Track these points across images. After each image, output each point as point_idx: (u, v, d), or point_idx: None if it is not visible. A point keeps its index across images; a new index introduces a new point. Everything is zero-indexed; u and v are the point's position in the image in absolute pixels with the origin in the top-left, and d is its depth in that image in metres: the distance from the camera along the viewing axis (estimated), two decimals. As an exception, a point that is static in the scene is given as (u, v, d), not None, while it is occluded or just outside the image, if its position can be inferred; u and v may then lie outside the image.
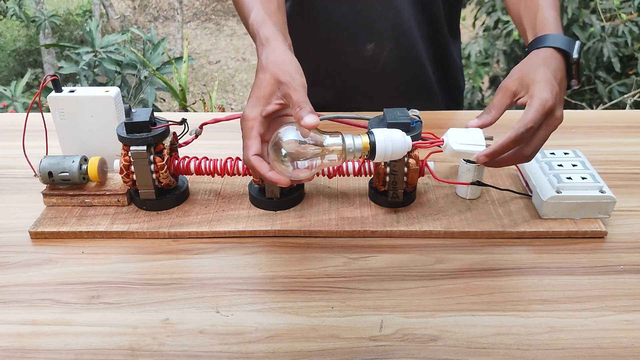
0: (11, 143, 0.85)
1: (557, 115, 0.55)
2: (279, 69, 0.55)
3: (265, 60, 0.56)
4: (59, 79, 0.68)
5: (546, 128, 0.55)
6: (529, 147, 0.55)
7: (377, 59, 0.85)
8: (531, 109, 0.54)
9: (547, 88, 0.55)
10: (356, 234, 0.62)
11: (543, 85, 0.55)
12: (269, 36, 0.58)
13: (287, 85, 0.53)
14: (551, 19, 0.62)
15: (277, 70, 0.55)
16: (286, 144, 0.52)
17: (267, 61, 0.56)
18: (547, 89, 0.54)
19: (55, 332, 0.50)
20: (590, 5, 2.45)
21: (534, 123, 0.53)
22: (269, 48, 0.57)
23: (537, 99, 0.54)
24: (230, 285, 0.55)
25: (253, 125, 0.54)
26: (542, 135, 0.55)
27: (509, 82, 0.58)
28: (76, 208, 0.66)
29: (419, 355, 0.47)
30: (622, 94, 2.32)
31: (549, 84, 0.55)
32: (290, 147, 0.52)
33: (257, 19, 0.61)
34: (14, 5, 3.85)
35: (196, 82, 4.82)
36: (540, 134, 0.55)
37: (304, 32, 0.89)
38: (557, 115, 0.55)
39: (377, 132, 0.54)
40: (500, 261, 0.58)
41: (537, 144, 0.55)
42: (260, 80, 0.55)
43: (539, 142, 0.55)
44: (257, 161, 0.54)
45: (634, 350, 0.47)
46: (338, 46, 0.88)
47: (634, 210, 0.67)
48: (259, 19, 0.60)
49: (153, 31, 2.89)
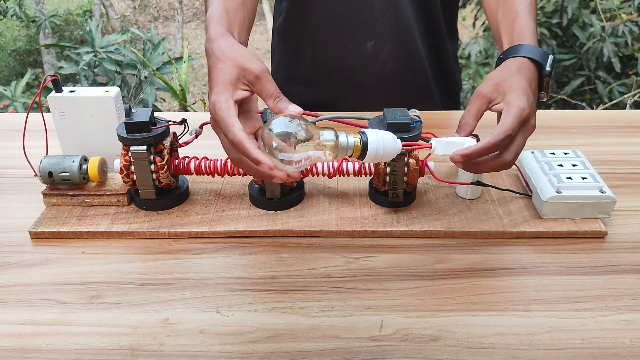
0: (11, 143, 0.85)
1: (532, 123, 0.57)
2: (242, 56, 0.52)
3: (221, 52, 0.53)
4: (59, 79, 0.68)
5: (523, 135, 0.56)
6: (509, 153, 0.55)
7: (377, 56, 0.85)
8: (509, 117, 0.54)
9: (523, 96, 0.56)
10: (356, 234, 0.62)
11: (520, 94, 0.56)
12: (217, 32, 0.56)
13: (253, 73, 0.51)
14: (528, 29, 0.63)
15: (240, 58, 0.52)
16: (278, 136, 0.49)
17: (224, 52, 0.53)
18: (523, 97, 0.55)
19: (55, 332, 0.50)
20: (590, 5, 2.45)
21: (512, 130, 0.54)
22: (221, 41, 0.54)
23: (514, 107, 0.55)
24: (231, 285, 0.55)
25: (228, 106, 0.50)
26: (519, 142, 0.56)
27: (484, 89, 0.58)
28: (76, 208, 0.66)
29: (419, 355, 0.47)
30: (622, 94, 2.33)
31: (525, 92, 0.56)
32: (281, 140, 0.49)
33: (212, 15, 0.58)
34: (14, 5, 3.85)
35: (196, 82, 4.82)
36: (518, 140, 0.56)
37: (303, 31, 0.89)
38: (532, 123, 0.57)
39: (369, 132, 0.53)
40: (500, 261, 0.58)
41: (516, 149, 0.55)
42: (222, 69, 0.52)
43: (518, 148, 0.56)
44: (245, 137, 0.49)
45: (634, 350, 0.47)
46: (337, 44, 0.88)
47: (634, 210, 0.67)
48: (214, 15, 0.58)
49: (153, 31, 2.89)
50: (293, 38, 0.92)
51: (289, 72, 0.96)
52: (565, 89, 2.54)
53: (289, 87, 0.96)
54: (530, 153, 0.71)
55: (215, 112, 0.51)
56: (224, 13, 0.59)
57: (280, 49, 0.97)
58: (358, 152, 0.53)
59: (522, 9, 0.66)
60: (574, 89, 2.51)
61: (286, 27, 0.92)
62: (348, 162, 0.66)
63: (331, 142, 0.52)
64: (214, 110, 0.51)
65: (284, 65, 0.97)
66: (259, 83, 0.52)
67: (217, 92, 0.51)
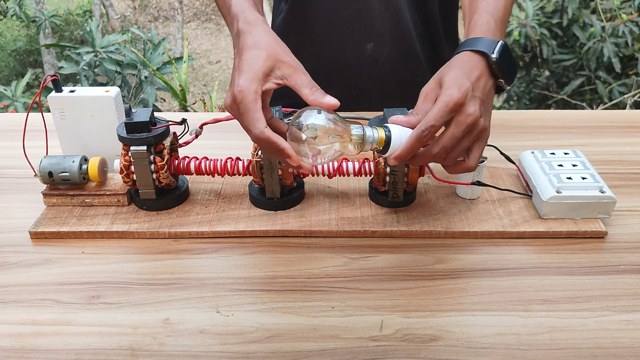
0: (11, 143, 0.85)
1: (468, 111, 0.52)
2: (279, 47, 0.52)
3: (260, 37, 0.53)
4: (59, 79, 0.68)
5: (456, 125, 0.52)
6: (436, 146, 0.52)
7: (377, 58, 0.85)
8: (434, 107, 0.52)
9: (454, 85, 0.52)
10: (356, 234, 0.62)
11: (451, 83, 0.53)
12: (256, 18, 0.55)
13: (290, 66, 0.51)
14: (481, 22, 0.61)
15: (276, 49, 0.52)
16: (309, 129, 0.50)
17: (262, 39, 0.53)
18: (454, 86, 0.52)
19: (55, 332, 0.50)
20: (590, 5, 2.45)
21: (435, 120, 0.51)
22: (260, 27, 0.54)
23: (441, 96, 0.52)
24: (231, 285, 0.55)
25: (256, 98, 0.50)
26: (452, 133, 0.52)
27: (427, 87, 0.56)
28: (76, 208, 0.66)
29: (419, 355, 0.47)
30: (622, 94, 2.33)
31: (457, 80, 0.53)
32: (312, 132, 0.50)
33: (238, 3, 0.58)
34: (14, 5, 3.85)
35: (196, 82, 4.82)
36: (450, 131, 0.52)
37: (303, 32, 0.89)
38: (468, 111, 0.52)
39: (392, 128, 0.53)
40: (500, 261, 0.58)
41: (445, 142, 0.52)
42: (255, 57, 0.51)
43: (449, 140, 0.52)
44: (271, 133, 0.49)
45: (634, 350, 0.47)
46: (338, 46, 0.88)
47: (634, 210, 0.66)
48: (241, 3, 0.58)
49: (153, 31, 2.89)
50: (292, 39, 0.92)
51: None
52: (565, 89, 2.54)
53: (288, 89, 0.96)
54: (530, 153, 0.71)
55: (240, 100, 0.50)
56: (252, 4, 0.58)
57: None
58: (382, 145, 0.53)
59: (483, 6, 0.63)
60: (574, 89, 2.51)
61: (285, 28, 0.92)
62: (348, 162, 0.66)
63: (359, 137, 0.52)
64: (240, 97, 0.50)
65: None
66: (296, 74, 0.51)
67: (247, 78, 0.50)
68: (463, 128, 0.52)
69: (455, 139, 0.52)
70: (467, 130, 0.52)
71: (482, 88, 0.56)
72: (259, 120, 0.50)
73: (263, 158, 0.62)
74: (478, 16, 0.62)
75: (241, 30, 0.55)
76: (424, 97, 0.56)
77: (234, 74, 0.53)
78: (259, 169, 0.64)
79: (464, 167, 0.55)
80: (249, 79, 0.51)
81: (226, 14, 0.62)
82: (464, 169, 0.55)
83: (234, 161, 0.67)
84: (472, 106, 0.52)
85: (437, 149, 0.52)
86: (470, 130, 0.53)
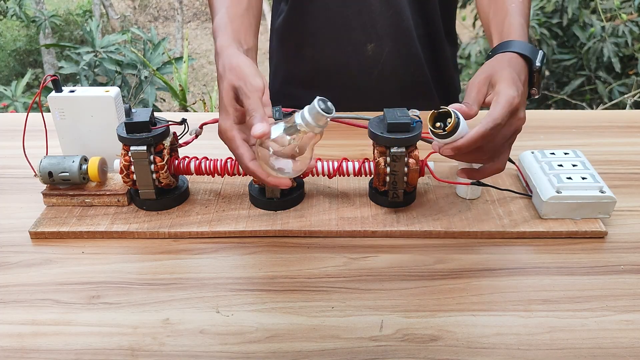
0: (11, 143, 0.85)
1: (520, 115, 0.54)
2: (234, 75, 0.55)
3: (222, 69, 0.56)
4: (59, 79, 0.68)
5: (509, 127, 0.54)
6: (492, 144, 0.53)
7: (378, 58, 0.85)
8: (499, 105, 0.52)
9: (513, 86, 0.54)
10: (356, 234, 0.62)
11: (510, 83, 0.54)
12: (223, 44, 0.58)
13: (240, 91, 0.54)
14: (517, 25, 0.62)
15: (232, 77, 0.55)
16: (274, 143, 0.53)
17: (224, 69, 0.56)
18: (513, 87, 0.53)
19: (55, 332, 0.50)
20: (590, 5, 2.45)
21: (502, 119, 0.52)
22: (224, 56, 0.57)
23: (504, 96, 0.53)
24: (231, 285, 0.55)
25: (233, 135, 0.55)
26: (505, 134, 0.53)
27: (477, 81, 0.56)
28: (76, 208, 0.66)
29: (419, 355, 0.47)
30: (622, 94, 2.33)
31: (515, 82, 0.54)
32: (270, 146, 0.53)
33: (217, 25, 0.61)
34: (14, 5, 3.85)
35: (196, 82, 4.82)
36: (503, 131, 0.53)
37: (304, 32, 0.89)
38: (520, 115, 0.54)
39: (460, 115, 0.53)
40: (500, 261, 0.58)
41: (499, 141, 0.53)
42: (221, 90, 0.56)
43: (501, 139, 0.53)
44: (256, 166, 0.54)
45: (634, 350, 0.47)
46: (338, 46, 0.88)
47: (634, 210, 0.66)
48: (219, 25, 0.61)
49: (153, 31, 2.89)
50: (292, 39, 0.92)
51: (288, 73, 0.96)
52: (565, 89, 2.54)
53: (288, 89, 0.96)
54: (530, 153, 0.71)
55: (222, 139, 0.56)
56: (229, 22, 0.61)
57: (279, 50, 0.96)
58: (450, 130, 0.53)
59: (513, 8, 0.65)
60: (574, 89, 2.51)
61: (286, 28, 0.92)
62: (348, 162, 0.66)
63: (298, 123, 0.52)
64: (221, 137, 0.56)
65: (283, 67, 0.97)
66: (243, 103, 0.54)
67: (221, 118, 0.56)
68: (513, 130, 0.54)
69: (504, 138, 0.53)
70: (515, 133, 0.54)
71: (525, 92, 0.58)
72: (243, 155, 0.55)
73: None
74: (512, 19, 0.63)
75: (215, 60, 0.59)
76: (477, 90, 0.56)
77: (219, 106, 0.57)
78: (259, 169, 0.64)
79: (496, 169, 0.56)
80: (223, 117, 0.56)
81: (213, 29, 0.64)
82: (496, 170, 0.56)
83: (234, 161, 0.67)
84: (522, 110, 0.54)
85: (494, 149, 0.53)
86: (514, 133, 0.54)
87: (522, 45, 0.59)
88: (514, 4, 0.66)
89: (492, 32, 0.66)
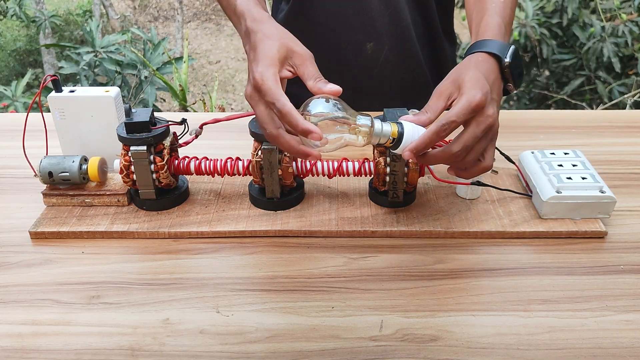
0: (11, 143, 0.85)
1: (488, 112, 0.53)
2: (289, 39, 0.54)
3: (270, 31, 0.55)
4: (59, 79, 0.68)
5: (476, 125, 0.53)
6: (457, 144, 0.53)
7: (377, 57, 0.86)
8: (457, 105, 0.53)
9: (476, 86, 0.53)
10: (356, 234, 0.62)
11: (472, 84, 0.54)
12: (264, 14, 0.58)
13: (300, 56, 0.53)
14: (493, 25, 0.62)
15: (288, 40, 0.54)
16: (315, 117, 0.51)
17: (272, 31, 0.55)
18: (476, 87, 0.53)
19: (55, 332, 0.50)
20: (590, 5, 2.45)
21: (457, 117, 0.52)
22: (268, 22, 0.56)
23: (464, 95, 0.53)
24: (231, 285, 0.55)
25: (276, 79, 0.52)
26: (472, 133, 0.53)
27: (442, 86, 0.57)
28: (76, 208, 0.66)
29: (419, 355, 0.47)
30: (622, 94, 2.33)
31: (478, 82, 0.54)
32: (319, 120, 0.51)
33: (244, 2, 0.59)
34: (14, 5, 3.86)
35: (196, 82, 4.82)
36: (470, 130, 0.53)
37: (304, 31, 0.89)
38: (488, 112, 0.53)
39: (406, 124, 0.53)
40: (500, 261, 0.58)
41: (467, 140, 0.53)
42: (269, 46, 0.53)
43: (470, 139, 0.53)
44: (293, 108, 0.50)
45: (634, 350, 0.47)
46: (338, 45, 0.88)
47: (634, 210, 0.66)
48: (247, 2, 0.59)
49: (153, 31, 2.89)
50: None
51: None
52: (565, 89, 2.54)
53: (289, 89, 0.96)
54: (530, 153, 0.71)
55: (262, 82, 0.51)
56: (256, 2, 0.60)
57: None
58: (390, 142, 0.53)
59: (493, 7, 0.64)
60: (574, 89, 2.51)
61: (285, 27, 0.92)
62: (348, 162, 0.66)
63: (366, 127, 0.52)
64: (261, 80, 0.51)
65: None
66: (304, 65, 0.53)
67: (265, 64, 0.52)
68: (482, 128, 0.53)
69: (475, 138, 0.53)
70: (485, 131, 0.53)
71: (497, 90, 0.57)
72: (282, 95, 0.51)
73: (263, 158, 0.62)
74: (489, 18, 0.63)
75: (250, 28, 0.56)
76: (438, 95, 0.56)
77: (250, 66, 0.54)
78: (259, 169, 0.64)
79: (482, 168, 0.56)
80: (267, 64, 0.52)
81: (232, 14, 0.63)
82: (482, 169, 0.56)
83: (234, 161, 0.67)
84: (491, 108, 0.53)
85: (458, 147, 0.53)
86: (488, 131, 0.54)
87: (492, 44, 0.59)
88: (494, 3, 0.65)
89: (471, 33, 0.66)
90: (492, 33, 0.61)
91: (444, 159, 0.54)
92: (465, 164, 0.55)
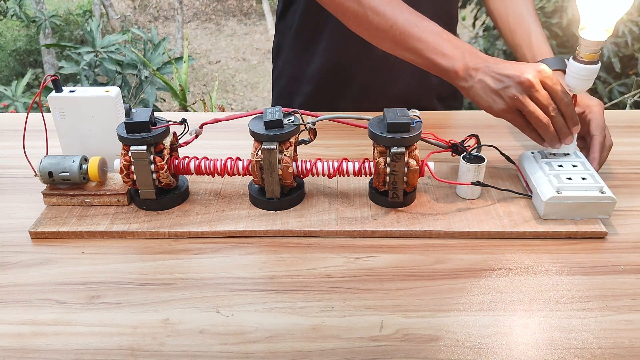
0: (11, 143, 0.85)
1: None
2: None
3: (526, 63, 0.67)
4: (59, 79, 0.68)
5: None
6: (608, 138, 0.71)
7: (388, 56, 0.86)
8: (596, 115, 0.71)
9: (591, 97, 0.72)
10: (356, 234, 0.62)
11: (587, 95, 0.74)
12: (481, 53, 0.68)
13: (556, 84, 0.64)
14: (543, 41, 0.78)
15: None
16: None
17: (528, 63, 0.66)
18: (592, 98, 0.72)
19: (55, 332, 0.50)
20: (590, 5, 2.44)
21: (603, 123, 0.70)
22: (501, 60, 0.66)
23: (595, 107, 0.71)
24: (231, 285, 0.55)
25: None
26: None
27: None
28: (76, 208, 0.66)
29: (419, 355, 0.47)
30: (622, 94, 2.32)
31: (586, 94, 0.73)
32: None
33: (439, 34, 0.69)
34: (14, 5, 3.86)
35: (196, 82, 4.83)
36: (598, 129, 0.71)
37: (319, 25, 0.90)
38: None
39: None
40: (500, 261, 0.58)
41: (608, 134, 0.72)
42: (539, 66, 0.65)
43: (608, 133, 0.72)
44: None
45: (634, 350, 0.47)
46: (350, 44, 0.88)
47: (634, 210, 0.66)
48: (445, 34, 0.69)
49: (153, 31, 2.89)
50: (307, 32, 0.93)
51: (297, 70, 0.96)
52: (565, 89, 2.53)
53: (294, 86, 0.97)
54: (530, 153, 0.71)
55: (553, 81, 0.63)
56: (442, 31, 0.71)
57: (290, 46, 0.97)
58: None
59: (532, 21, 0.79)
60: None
61: (301, 22, 0.92)
62: (348, 162, 0.66)
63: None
64: (551, 79, 0.63)
65: (292, 64, 0.97)
66: (565, 96, 0.64)
67: (545, 68, 0.64)
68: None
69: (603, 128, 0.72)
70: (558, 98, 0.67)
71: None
72: (566, 92, 0.64)
73: (263, 158, 0.62)
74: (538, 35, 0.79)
75: (479, 59, 0.67)
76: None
77: (518, 65, 0.64)
78: (259, 169, 0.64)
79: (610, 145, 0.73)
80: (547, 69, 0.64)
81: (415, 39, 0.70)
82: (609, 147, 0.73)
83: (234, 161, 0.67)
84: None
85: (609, 140, 0.73)
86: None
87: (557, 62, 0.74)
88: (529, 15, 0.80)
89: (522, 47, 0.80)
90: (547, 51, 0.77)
91: (607, 154, 0.72)
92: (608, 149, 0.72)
